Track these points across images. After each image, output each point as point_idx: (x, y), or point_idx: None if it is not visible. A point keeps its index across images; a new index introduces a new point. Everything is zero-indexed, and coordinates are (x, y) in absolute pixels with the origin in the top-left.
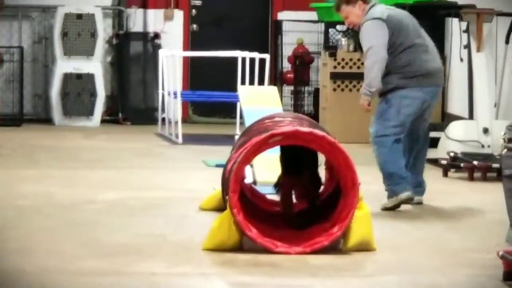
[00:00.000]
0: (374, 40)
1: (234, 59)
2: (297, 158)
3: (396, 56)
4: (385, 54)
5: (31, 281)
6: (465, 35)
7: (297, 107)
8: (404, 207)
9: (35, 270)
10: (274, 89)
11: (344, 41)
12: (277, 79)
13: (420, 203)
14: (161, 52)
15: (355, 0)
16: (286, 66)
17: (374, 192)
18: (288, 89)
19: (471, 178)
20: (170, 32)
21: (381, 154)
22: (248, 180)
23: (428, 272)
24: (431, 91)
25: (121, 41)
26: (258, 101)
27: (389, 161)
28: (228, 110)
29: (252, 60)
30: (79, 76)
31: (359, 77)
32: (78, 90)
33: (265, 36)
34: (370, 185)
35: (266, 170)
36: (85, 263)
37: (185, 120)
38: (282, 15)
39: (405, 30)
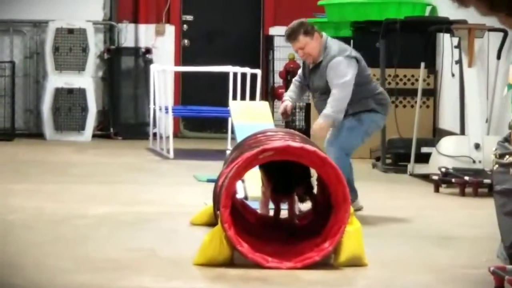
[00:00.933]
0: (349, 75)
1: (226, 74)
2: (287, 175)
3: (369, 84)
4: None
5: None
6: (456, 51)
7: (289, 122)
8: (396, 222)
9: (24, 284)
10: (265, 104)
11: None
12: (269, 94)
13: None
14: (152, 67)
15: (313, 32)
16: (278, 81)
17: (365, 207)
18: (279, 104)
19: (462, 194)
20: (162, 47)
21: (344, 167)
22: (239, 195)
23: None
24: (384, 119)
25: (113, 56)
26: (249, 116)
27: (349, 171)
28: (219, 125)
29: (243, 75)
30: (70, 91)
31: None
32: (69, 105)
33: (257, 51)
34: (361, 200)
35: (257, 185)
36: (75, 277)
37: (176, 135)
38: (273, 30)
39: (363, 64)
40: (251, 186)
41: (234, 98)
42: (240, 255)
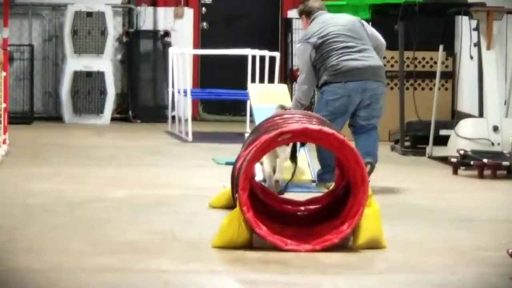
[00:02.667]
0: (305, 65)
1: (244, 57)
2: None
3: (324, 63)
4: (312, 75)
5: (41, 279)
6: (475, 33)
7: (309, 106)
8: (415, 205)
9: (44, 268)
10: (284, 87)
11: None
12: (287, 77)
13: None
14: (171, 50)
15: (302, 13)
16: (296, 64)
17: (384, 190)
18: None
19: (481, 176)
20: (180, 30)
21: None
22: (257, 177)
23: (438, 270)
24: (354, 86)
25: (131, 39)
26: (268, 99)
27: (324, 150)
28: (238, 108)
29: (262, 58)
30: (89, 74)
31: None
32: (88, 88)
33: (275, 34)
34: (380, 182)
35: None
36: (94, 260)
37: (195, 118)
38: (292, 13)
39: (330, 39)
40: (270, 169)
41: (253, 80)
42: (259, 237)
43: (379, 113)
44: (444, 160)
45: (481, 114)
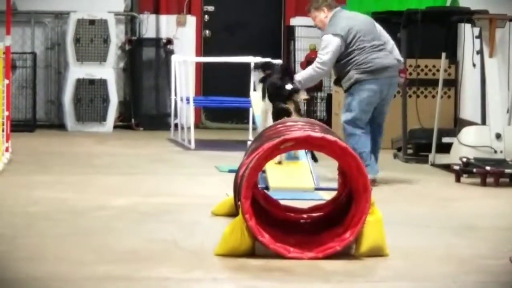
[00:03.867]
0: (328, 53)
1: (247, 65)
2: None
3: (351, 58)
4: (330, 69)
5: None
6: (477, 41)
7: (310, 112)
8: (418, 212)
9: (45, 276)
10: None
11: None
12: None
13: (374, 180)
14: (173, 58)
15: (322, 7)
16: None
17: (387, 197)
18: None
19: (483, 184)
20: (183, 38)
21: (350, 142)
22: (260, 186)
23: (440, 278)
24: (385, 82)
25: (134, 47)
26: None
27: (358, 147)
28: (240, 116)
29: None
30: (91, 82)
31: None
32: (90, 96)
33: (278, 42)
34: (382, 190)
35: (278, 175)
36: (96, 269)
37: (198, 125)
38: (294, 21)
39: (354, 37)
40: (272, 177)
41: (256, 89)
42: (262, 245)
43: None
44: (447, 167)
45: (483, 122)
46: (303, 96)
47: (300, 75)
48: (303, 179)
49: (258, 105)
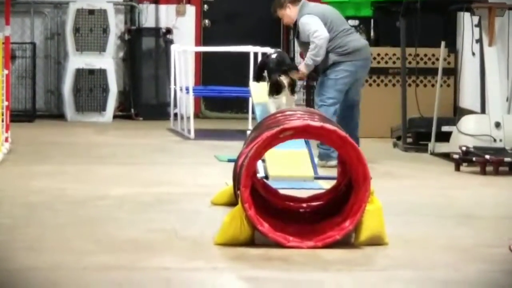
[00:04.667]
0: (317, 25)
1: (246, 54)
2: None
3: (330, 40)
4: (327, 36)
5: (43, 278)
6: (477, 30)
7: (309, 102)
8: (417, 201)
9: (46, 267)
10: None
11: None
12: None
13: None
14: (173, 48)
15: (286, 4)
16: (298, 61)
17: (386, 187)
18: (300, 84)
19: (483, 172)
20: (182, 27)
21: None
22: (260, 174)
23: (441, 267)
24: (360, 64)
25: (133, 36)
26: None
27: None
28: (240, 105)
29: (264, 55)
30: (91, 71)
31: (372, 71)
32: (90, 85)
33: (277, 31)
34: (382, 179)
35: (278, 164)
36: (96, 258)
37: (197, 115)
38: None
39: (330, 22)
40: (272, 166)
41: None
42: (261, 235)
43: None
44: (446, 156)
45: (483, 111)
46: (297, 75)
47: (307, 57)
48: (302, 168)
49: (257, 95)
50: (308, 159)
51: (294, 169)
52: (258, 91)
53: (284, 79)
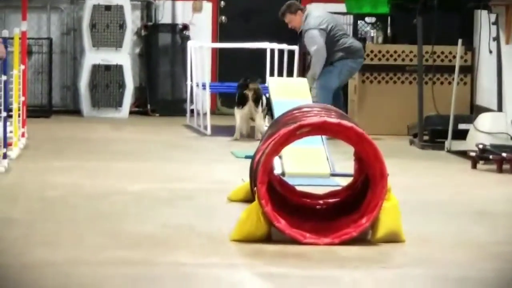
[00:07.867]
0: (318, 44)
1: (263, 51)
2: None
3: (336, 41)
4: (325, 53)
5: (58, 273)
6: (494, 27)
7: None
8: (434, 199)
9: (62, 261)
10: (304, 80)
11: (373, 33)
12: (306, 71)
13: None
14: (189, 44)
15: (296, 10)
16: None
17: (403, 184)
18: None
19: (500, 170)
20: (199, 23)
21: (327, 101)
22: (276, 171)
23: (457, 265)
24: (359, 62)
25: (150, 32)
26: (287, 93)
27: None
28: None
29: (281, 52)
30: (107, 67)
31: (389, 69)
32: (106, 81)
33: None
34: (398, 176)
35: (294, 161)
36: (112, 253)
37: (214, 111)
38: (310, 7)
39: (333, 27)
40: (288, 162)
41: (272, 74)
42: (278, 231)
43: None
44: (463, 154)
45: (500, 108)
46: (255, 85)
47: (311, 64)
48: (319, 164)
49: (275, 91)
50: (324, 156)
51: (310, 166)
52: (275, 87)
53: (248, 92)
